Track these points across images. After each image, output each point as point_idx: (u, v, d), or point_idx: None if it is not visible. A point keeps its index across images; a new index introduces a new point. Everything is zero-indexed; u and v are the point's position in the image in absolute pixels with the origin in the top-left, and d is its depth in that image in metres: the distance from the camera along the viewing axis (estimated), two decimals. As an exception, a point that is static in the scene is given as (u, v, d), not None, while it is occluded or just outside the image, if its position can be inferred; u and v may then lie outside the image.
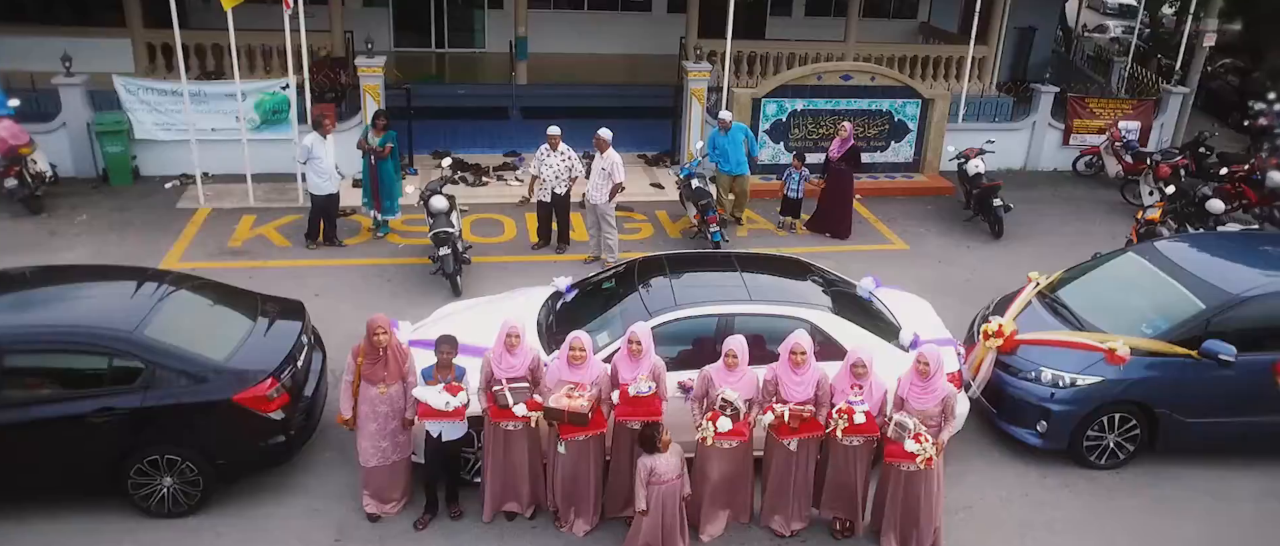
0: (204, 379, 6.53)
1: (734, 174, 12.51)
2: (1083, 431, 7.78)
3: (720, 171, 12.54)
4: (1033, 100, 16.35)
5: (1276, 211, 13.51)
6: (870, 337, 7.16)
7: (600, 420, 6.31)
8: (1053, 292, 8.83)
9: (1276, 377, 7.71)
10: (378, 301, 9.81)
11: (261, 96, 13.09)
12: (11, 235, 11.21)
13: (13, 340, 6.35)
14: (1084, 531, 7.21)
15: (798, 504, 6.74)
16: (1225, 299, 7.81)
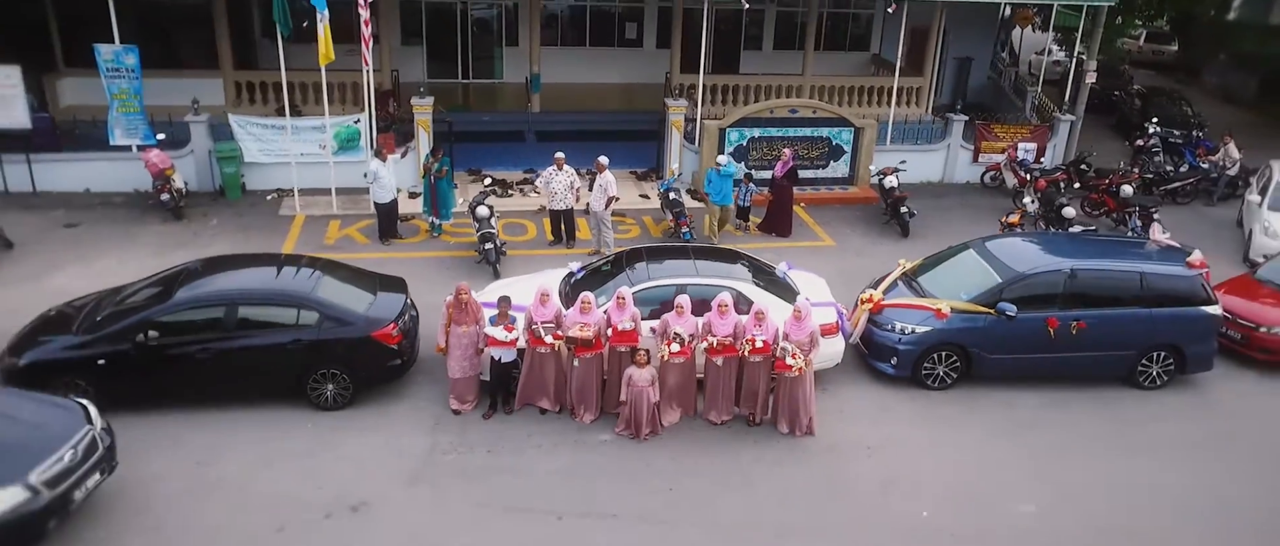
0: (352, 323, 10.47)
1: (718, 204, 16.16)
2: (921, 364, 11.71)
3: (710, 200, 16.19)
4: (948, 126, 20.33)
5: (1128, 216, 17.43)
6: (773, 298, 11.10)
7: (599, 345, 10.27)
8: (913, 273, 12.79)
9: (1048, 328, 11.67)
10: (439, 281, 13.68)
11: (339, 128, 17.04)
12: (168, 235, 15.18)
13: (244, 298, 10.32)
14: (917, 423, 11.13)
15: (725, 402, 10.69)
16: (1013, 275, 11.78)
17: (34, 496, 7.66)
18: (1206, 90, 35.98)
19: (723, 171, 15.94)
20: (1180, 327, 11.96)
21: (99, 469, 8.35)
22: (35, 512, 7.66)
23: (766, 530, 9.11)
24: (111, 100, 16.25)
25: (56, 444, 8.03)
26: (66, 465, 7.97)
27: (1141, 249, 13.19)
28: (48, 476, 7.80)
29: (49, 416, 8.39)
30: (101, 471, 8.40)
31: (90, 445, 8.31)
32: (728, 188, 15.97)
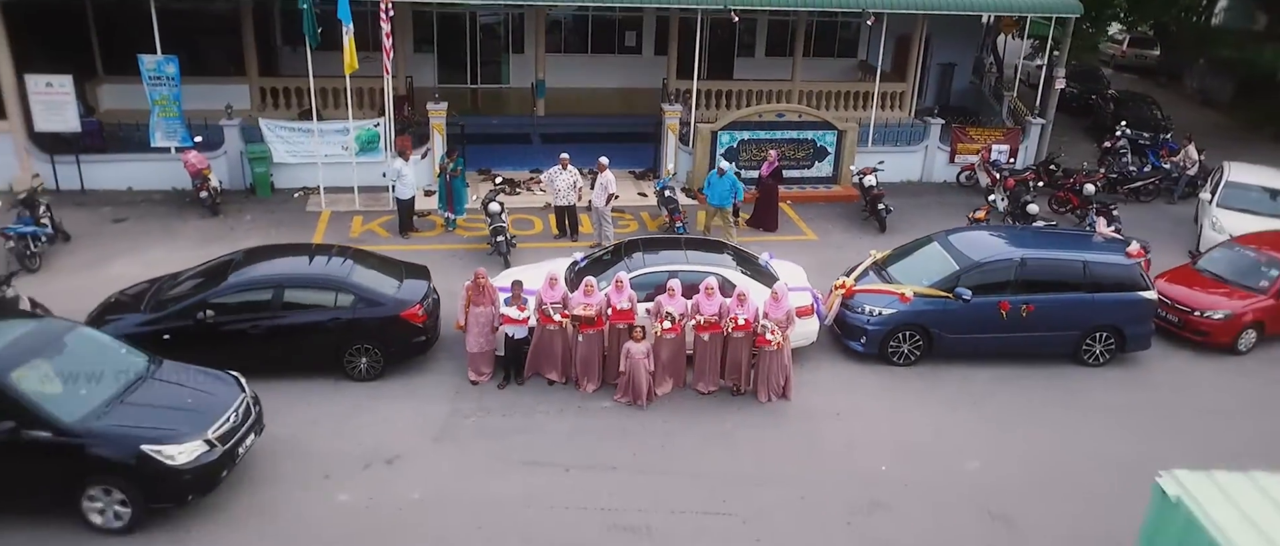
0: (383, 304, 11.90)
1: (716, 205, 17.29)
2: (887, 342, 13.13)
3: (708, 202, 17.37)
4: (926, 129, 21.77)
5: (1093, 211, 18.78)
6: (754, 283, 12.52)
7: (601, 323, 11.71)
8: (883, 263, 14.21)
9: (1001, 310, 13.10)
10: (455, 270, 15.10)
11: (361, 131, 18.45)
12: (206, 229, 16.61)
13: (289, 281, 11.77)
14: (882, 394, 12.57)
15: (711, 374, 12.11)
16: (969, 263, 13.22)
17: (211, 449, 9.16)
18: (1186, 94, 37.39)
19: (725, 176, 17.14)
20: (1120, 311, 13.40)
21: (253, 429, 9.88)
22: (212, 463, 9.17)
23: (746, 480, 10.54)
24: (153, 106, 17.67)
25: (223, 408, 9.56)
26: (232, 425, 9.49)
27: (1087, 240, 14.64)
28: (219, 434, 9.30)
29: (214, 386, 9.91)
30: (255, 431, 9.92)
31: (246, 410, 9.83)
32: (726, 191, 17.19)
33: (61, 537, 8.94)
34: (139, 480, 8.90)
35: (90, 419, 8.91)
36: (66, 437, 8.74)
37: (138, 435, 8.91)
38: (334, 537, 9.27)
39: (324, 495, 9.85)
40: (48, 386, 8.98)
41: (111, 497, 8.96)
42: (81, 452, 8.78)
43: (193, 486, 9.13)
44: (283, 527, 9.34)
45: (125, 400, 9.28)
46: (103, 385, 9.32)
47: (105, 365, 9.59)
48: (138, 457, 8.82)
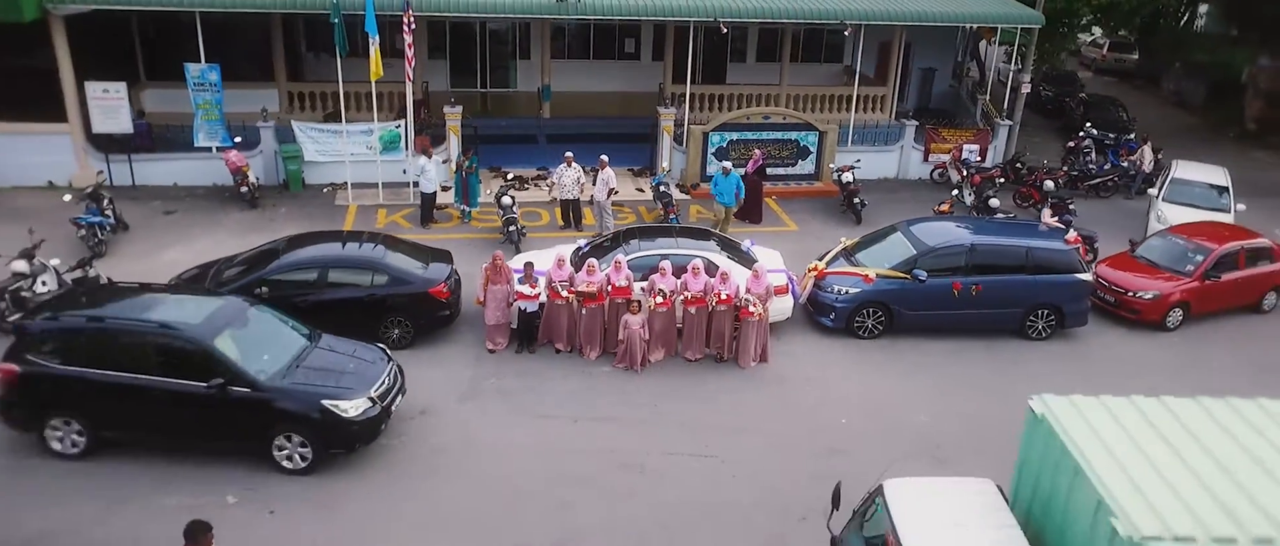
0: (412, 283, 13.74)
1: (723, 205, 19.06)
2: (853, 317, 14.96)
3: (716, 201, 19.05)
4: (902, 131, 23.59)
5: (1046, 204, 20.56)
6: (735, 264, 14.35)
7: (602, 298, 13.55)
8: (852, 249, 16.04)
9: (953, 289, 14.92)
10: (471, 256, 16.91)
11: (383, 132, 20.27)
12: (247, 221, 18.44)
13: (332, 262, 13.63)
14: (847, 363, 14.39)
15: (698, 343, 13.95)
16: (925, 248, 15.05)
17: (373, 406, 10.98)
18: (1162, 97, 39.16)
19: (729, 177, 18.79)
20: (1059, 291, 15.23)
21: (400, 391, 11.68)
22: (375, 417, 11.00)
23: (726, 430, 12.38)
24: (196, 109, 19.50)
25: (378, 372, 11.40)
26: (386, 387, 11.32)
27: (1032, 229, 16.48)
28: (378, 393, 11.11)
29: (367, 354, 11.76)
30: (401, 393, 11.71)
31: (394, 375, 11.66)
32: (731, 189, 18.91)
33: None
34: (319, 430, 10.73)
35: (277, 378, 10.76)
36: (261, 393, 10.59)
37: (318, 392, 10.74)
38: (382, 466, 11.14)
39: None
40: (242, 351, 10.78)
41: (294, 443, 10.80)
42: (272, 406, 10.63)
43: (360, 436, 10.98)
44: (345, 462, 11.14)
45: (301, 365, 11.11)
46: (283, 351, 11.18)
47: (280, 336, 11.45)
48: (320, 411, 10.64)
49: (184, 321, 10.82)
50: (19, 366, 10.68)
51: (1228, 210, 19.74)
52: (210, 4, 18.88)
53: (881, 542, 7.70)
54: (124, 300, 11.63)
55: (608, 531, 10.34)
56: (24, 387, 10.69)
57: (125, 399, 10.61)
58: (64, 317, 11.09)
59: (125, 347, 10.74)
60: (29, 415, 10.84)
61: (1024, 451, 8.31)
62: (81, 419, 10.77)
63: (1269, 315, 17.11)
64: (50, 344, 10.83)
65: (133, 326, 10.82)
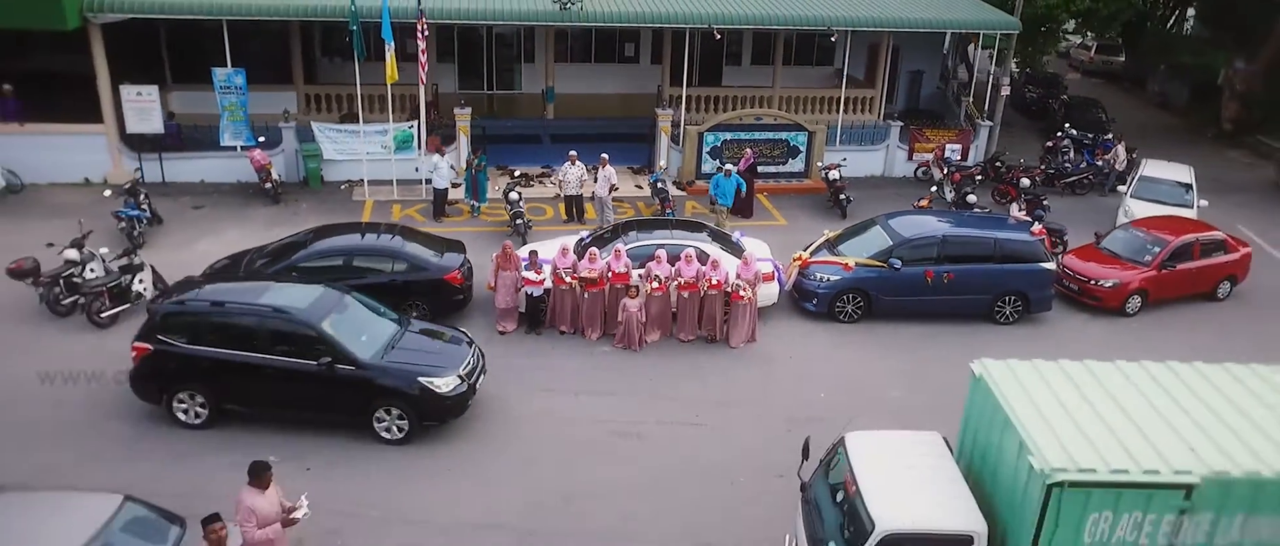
0: (428, 269, 15.03)
1: (723, 204, 20.21)
2: (834, 303, 16.23)
3: (717, 201, 20.10)
4: (887, 131, 24.85)
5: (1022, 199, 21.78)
6: (725, 253, 15.62)
7: (602, 284, 14.84)
8: (834, 241, 17.30)
9: (926, 277, 16.19)
10: (481, 247, 18.17)
11: (397, 132, 21.55)
12: (271, 215, 19.72)
13: (356, 251, 14.93)
14: (828, 344, 15.66)
15: (691, 325, 15.23)
16: (901, 239, 16.31)
17: (461, 382, 12.21)
18: (1147, 98, 40.36)
19: (730, 178, 19.97)
20: (1025, 278, 16.48)
21: (482, 371, 12.88)
22: (464, 393, 12.22)
23: (715, 402, 13.65)
24: (222, 111, 20.79)
25: (464, 354, 12.61)
26: (471, 366, 12.54)
27: (1001, 222, 17.76)
28: (465, 372, 12.33)
29: (453, 337, 13.04)
30: (483, 372, 12.90)
31: (477, 356, 12.88)
32: (730, 191, 20.05)
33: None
34: (416, 404, 11.95)
35: (377, 358, 11.99)
36: (364, 372, 11.83)
37: (415, 370, 11.96)
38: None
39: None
40: (345, 334, 12.02)
41: (393, 416, 12.02)
42: (373, 383, 11.87)
43: (452, 410, 12.22)
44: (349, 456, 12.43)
45: (396, 346, 12.34)
46: (379, 334, 12.41)
47: (375, 320, 12.68)
48: (417, 387, 11.87)
49: (295, 306, 12.09)
50: (150, 345, 11.97)
51: (1191, 206, 20.96)
52: (238, 12, 20.17)
53: (843, 486, 8.97)
54: (239, 287, 12.93)
55: (608, 487, 11.61)
56: (153, 364, 12.00)
57: (243, 375, 11.90)
58: (189, 302, 12.38)
59: (243, 329, 11.96)
60: (157, 388, 12.13)
61: (967, 408, 9.59)
62: (204, 392, 12.06)
63: (1223, 302, 18.35)
64: (177, 325, 12.09)
65: (250, 310, 12.04)
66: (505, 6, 21.84)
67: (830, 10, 23.51)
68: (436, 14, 21.10)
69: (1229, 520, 7.86)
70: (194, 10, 19.93)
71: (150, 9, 19.68)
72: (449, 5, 21.36)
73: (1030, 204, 20.99)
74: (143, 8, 19.61)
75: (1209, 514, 7.83)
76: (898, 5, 24.56)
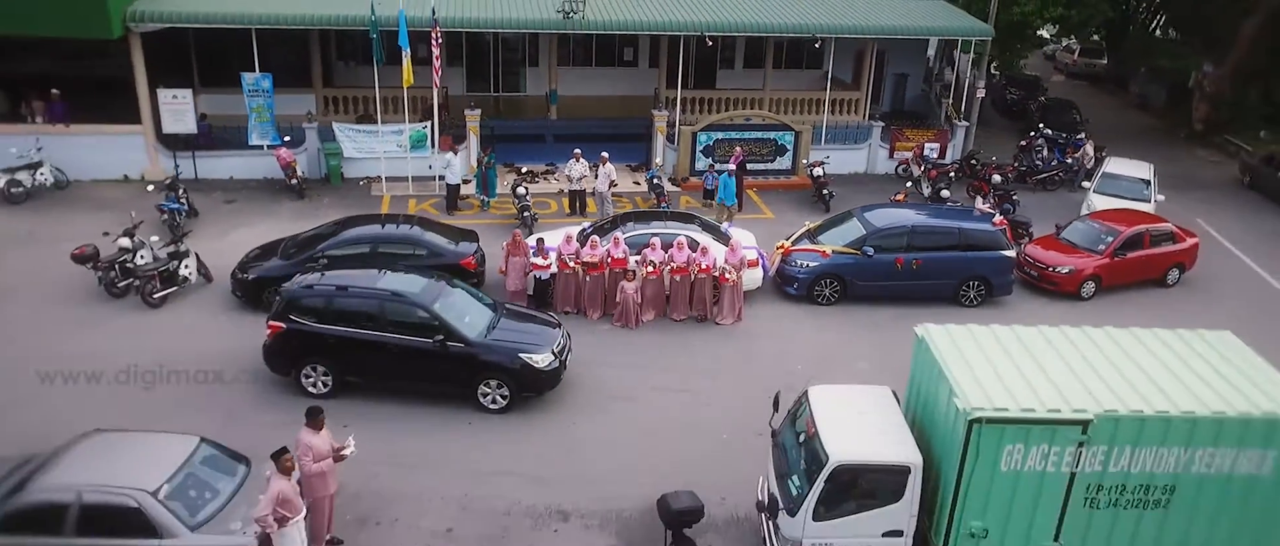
0: (445, 255, 16.69)
1: (729, 204, 21.80)
2: (813, 287, 17.87)
3: (721, 199, 21.48)
4: (869, 131, 26.50)
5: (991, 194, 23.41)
6: (714, 241, 17.27)
7: (603, 268, 16.50)
8: (814, 231, 18.95)
9: (896, 263, 17.84)
10: (491, 237, 19.81)
11: (412, 132, 23.20)
12: (296, 208, 21.38)
13: (379, 239, 16.58)
14: (807, 324, 17.30)
15: (683, 305, 16.89)
16: (873, 229, 17.96)
17: (555, 359, 13.81)
18: (1128, 99, 41.96)
19: (731, 178, 21.55)
20: (987, 265, 18.12)
21: (569, 350, 14.41)
22: (556, 369, 13.83)
23: (703, 372, 15.31)
24: (250, 112, 22.45)
25: (554, 335, 14.20)
26: (561, 345, 14.11)
27: (966, 214, 19.42)
28: (556, 350, 13.92)
29: (544, 321, 14.71)
30: (569, 351, 14.43)
31: (566, 336, 14.48)
32: (732, 189, 21.64)
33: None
34: (517, 378, 13.54)
35: (482, 336, 13.62)
36: (471, 349, 13.45)
37: (516, 347, 13.58)
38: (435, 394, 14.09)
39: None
40: (454, 315, 13.64)
41: (495, 388, 13.62)
42: (479, 359, 13.49)
43: (547, 383, 13.83)
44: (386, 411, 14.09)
45: (496, 327, 13.95)
46: (480, 316, 14.06)
47: (475, 305, 14.32)
48: (519, 363, 13.45)
49: (410, 291, 13.76)
50: (283, 324, 13.60)
51: (1148, 200, 22.59)
52: (268, 22, 21.87)
53: (805, 430, 10.60)
54: (359, 273, 14.47)
55: (607, 440, 13.29)
56: (285, 341, 13.64)
57: (365, 351, 13.53)
58: (317, 286, 13.95)
59: (365, 311, 13.61)
60: (288, 362, 13.78)
61: (912, 366, 11.25)
62: (329, 366, 13.67)
63: (1172, 288, 19.99)
64: (306, 307, 13.69)
65: (371, 294, 13.70)
66: (513, 15, 23.53)
67: (816, 18, 25.18)
68: (449, 22, 22.75)
69: (1119, 451, 9.49)
70: (227, 20, 21.62)
71: (188, 19, 21.39)
72: (461, 15, 23.04)
73: (1000, 198, 22.66)
74: (181, 17, 21.31)
75: (1103, 446, 9.46)
76: (879, 13, 26.22)
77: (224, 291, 16.88)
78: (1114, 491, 9.70)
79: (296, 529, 9.60)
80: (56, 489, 9.54)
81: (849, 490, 9.90)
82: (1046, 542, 9.92)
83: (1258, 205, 26.58)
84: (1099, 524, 9.85)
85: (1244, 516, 9.78)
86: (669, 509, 10.32)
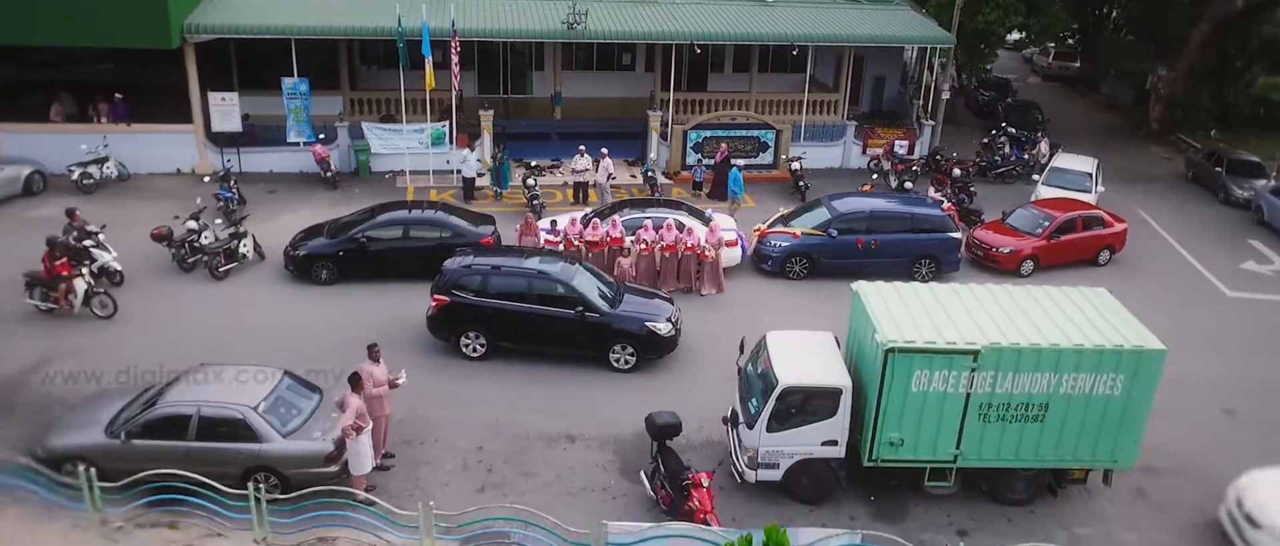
0: (467, 235, 19.44)
1: (736, 196, 24.72)
2: (785, 263, 20.63)
3: (733, 193, 24.43)
4: (844, 129, 29.26)
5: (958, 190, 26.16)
6: (698, 223, 20.03)
7: (603, 246, 19.29)
8: (788, 217, 21.70)
9: (857, 244, 20.59)
10: (504, 224, 22.54)
11: (432, 130, 25.94)
12: (331, 198, 24.13)
13: (411, 221, 19.37)
14: (779, 295, 20.05)
15: (671, 278, 19.66)
16: (837, 214, 20.74)
17: (672, 327, 16.49)
18: (1098, 100, 44.60)
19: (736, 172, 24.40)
20: (936, 245, 20.86)
21: (680, 321, 16.96)
22: (674, 336, 16.52)
23: (690, 333, 18.00)
24: (289, 113, 25.21)
25: (670, 308, 16.93)
26: (676, 317, 16.76)
27: (920, 200, 22.19)
28: (673, 320, 16.58)
29: (661, 297, 17.45)
30: (681, 321, 16.99)
31: (677, 310, 17.10)
32: (739, 187, 24.37)
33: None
34: (642, 343, 16.18)
35: (612, 308, 16.26)
36: (605, 318, 16.14)
37: (642, 318, 16.27)
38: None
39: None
40: (589, 290, 16.36)
41: (624, 352, 16.21)
42: (611, 327, 16.17)
43: (666, 347, 16.51)
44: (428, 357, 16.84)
45: (622, 300, 16.64)
46: (608, 290, 16.80)
47: (601, 280, 17.02)
48: (645, 331, 16.15)
49: (552, 269, 16.56)
50: (446, 297, 16.28)
51: (1089, 191, 25.32)
52: (307, 33, 24.65)
53: (762, 364, 13.34)
54: (507, 256, 17.33)
55: (609, 383, 16.05)
56: (447, 312, 16.33)
57: (515, 321, 16.15)
58: (475, 265, 16.64)
59: (516, 286, 16.34)
60: (449, 330, 16.48)
61: (850, 315, 14.00)
62: (485, 333, 16.33)
63: (1104, 267, 22.71)
64: (465, 283, 16.34)
65: (520, 272, 16.54)
66: (522, 26, 26.30)
67: (795, 27, 27.94)
68: (466, 33, 25.50)
69: (1003, 376, 12.25)
70: (273, 31, 24.41)
71: (238, 30, 24.18)
72: (477, 25, 25.82)
73: (959, 189, 25.39)
74: (231, 29, 24.10)
75: (990, 371, 12.21)
76: (852, 22, 28.99)
77: (277, 266, 19.67)
78: (1001, 408, 12.48)
79: (366, 436, 12.35)
80: (179, 404, 12.32)
81: (794, 408, 12.67)
82: (949, 450, 12.70)
83: (1196, 197, 29.30)
84: (990, 435, 12.63)
85: (1101, 428, 12.55)
86: (654, 424, 13.06)
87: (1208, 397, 16.69)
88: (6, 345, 16.20)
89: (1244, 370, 17.88)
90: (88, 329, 16.88)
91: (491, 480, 13.48)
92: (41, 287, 16.90)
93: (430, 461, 13.78)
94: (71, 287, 16.70)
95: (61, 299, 16.74)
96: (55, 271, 16.64)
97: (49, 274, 16.70)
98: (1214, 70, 35.46)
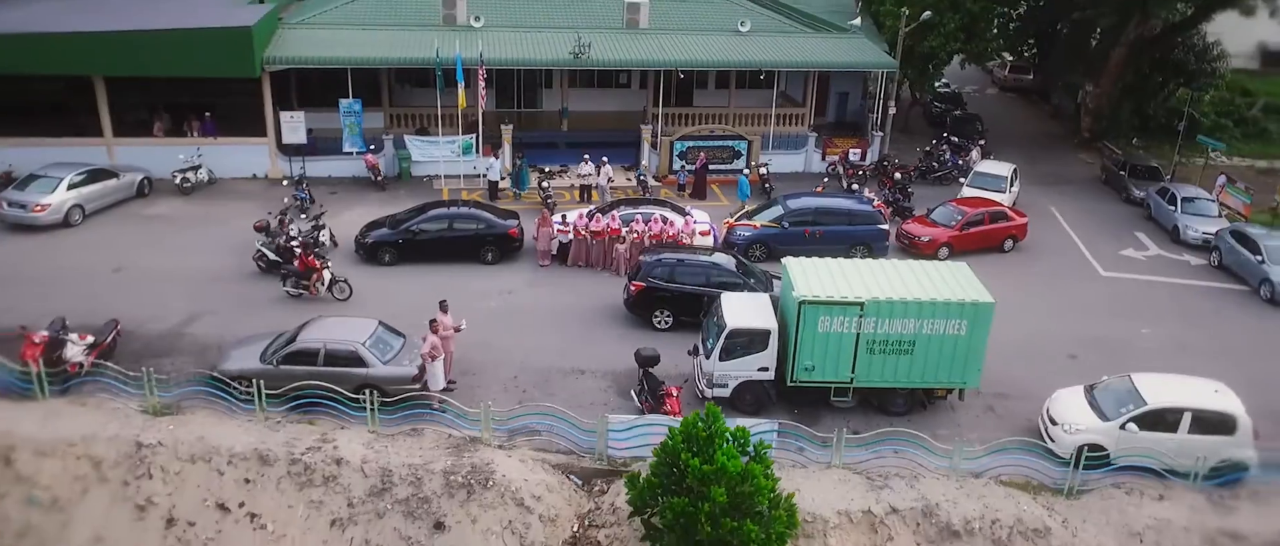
0: (496, 227, 24.91)
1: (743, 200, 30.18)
2: (748, 251, 25.99)
3: (741, 197, 30.09)
4: (806, 139, 34.68)
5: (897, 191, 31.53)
6: (679, 216, 25.45)
7: (604, 235, 24.75)
8: (751, 212, 27.12)
9: (804, 233, 26.01)
10: (525, 218, 27.85)
11: (462, 142, 31.31)
12: (381, 198, 29.52)
13: (452, 216, 24.81)
14: (742, 275, 25.51)
15: (657, 261, 25.14)
16: (788, 210, 26.21)
17: None
18: (1048, 111, 49.77)
19: (744, 178, 29.95)
20: (867, 235, 26.26)
21: None
22: None
23: (668, 302, 23.48)
24: (344, 127, 30.61)
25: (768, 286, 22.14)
26: None
27: (857, 198, 27.65)
28: None
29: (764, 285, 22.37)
30: None
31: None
32: (745, 189, 29.82)
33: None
34: None
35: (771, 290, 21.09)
36: None
37: None
38: (490, 311, 22.23)
39: (485, 303, 22.72)
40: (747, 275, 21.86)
41: None
42: None
43: None
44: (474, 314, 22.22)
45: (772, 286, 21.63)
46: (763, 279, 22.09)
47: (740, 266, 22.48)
48: None
49: (721, 263, 22.02)
50: (644, 284, 21.52)
51: (1005, 192, 30.69)
52: (364, 64, 30.08)
53: (717, 316, 18.72)
54: (682, 252, 22.66)
55: (614, 335, 21.46)
56: (644, 295, 21.58)
57: (694, 302, 21.14)
58: (663, 260, 21.92)
59: (695, 276, 21.58)
60: (645, 309, 21.68)
61: (782, 282, 19.43)
62: (672, 311, 21.52)
63: (1007, 254, 28.07)
64: (657, 273, 21.57)
65: (697, 265, 21.85)
66: (538, 55, 31.81)
67: (764, 54, 33.37)
68: (493, 62, 30.90)
69: (882, 321, 17.65)
70: (339, 62, 29.88)
71: (307, 62, 29.63)
72: (501, 55, 31.26)
73: (898, 190, 30.76)
74: (302, 60, 29.58)
75: (873, 318, 17.62)
76: (811, 50, 34.38)
77: (348, 251, 25.06)
78: (881, 344, 17.90)
79: (439, 364, 17.79)
80: (311, 341, 17.78)
81: (738, 344, 18.09)
82: (847, 373, 18.13)
83: (1103, 196, 34.71)
84: (875, 363, 18.06)
85: (952, 358, 17.98)
86: (640, 355, 18.48)
87: (1059, 347, 22.12)
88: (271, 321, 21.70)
89: (1095, 329, 23.29)
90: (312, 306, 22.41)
91: (525, 398, 18.91)
92: (295, 277, 22.19)
93: (481, 385, 19.22)
94: (320, 277, 22.08)
95: (312, 287, 22.10)
96: (308, 264, 22.06)
97: (303, 267, 22.11)
98: (1134, 86, 40.91)
